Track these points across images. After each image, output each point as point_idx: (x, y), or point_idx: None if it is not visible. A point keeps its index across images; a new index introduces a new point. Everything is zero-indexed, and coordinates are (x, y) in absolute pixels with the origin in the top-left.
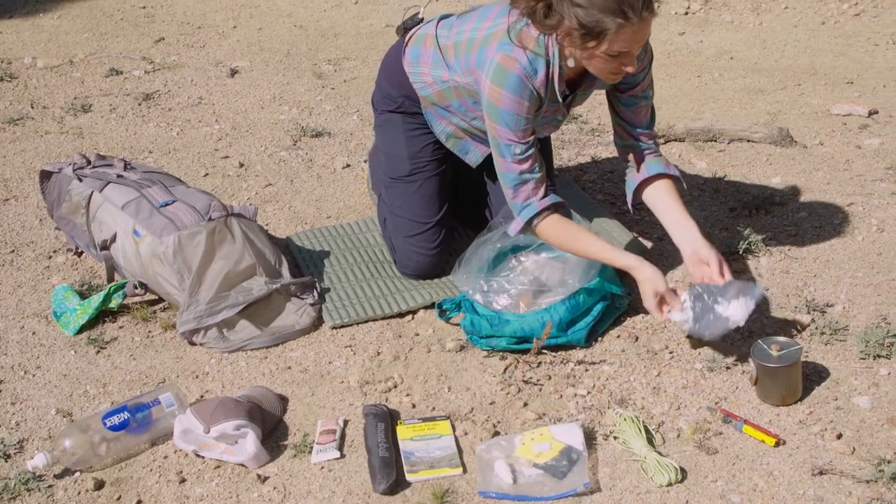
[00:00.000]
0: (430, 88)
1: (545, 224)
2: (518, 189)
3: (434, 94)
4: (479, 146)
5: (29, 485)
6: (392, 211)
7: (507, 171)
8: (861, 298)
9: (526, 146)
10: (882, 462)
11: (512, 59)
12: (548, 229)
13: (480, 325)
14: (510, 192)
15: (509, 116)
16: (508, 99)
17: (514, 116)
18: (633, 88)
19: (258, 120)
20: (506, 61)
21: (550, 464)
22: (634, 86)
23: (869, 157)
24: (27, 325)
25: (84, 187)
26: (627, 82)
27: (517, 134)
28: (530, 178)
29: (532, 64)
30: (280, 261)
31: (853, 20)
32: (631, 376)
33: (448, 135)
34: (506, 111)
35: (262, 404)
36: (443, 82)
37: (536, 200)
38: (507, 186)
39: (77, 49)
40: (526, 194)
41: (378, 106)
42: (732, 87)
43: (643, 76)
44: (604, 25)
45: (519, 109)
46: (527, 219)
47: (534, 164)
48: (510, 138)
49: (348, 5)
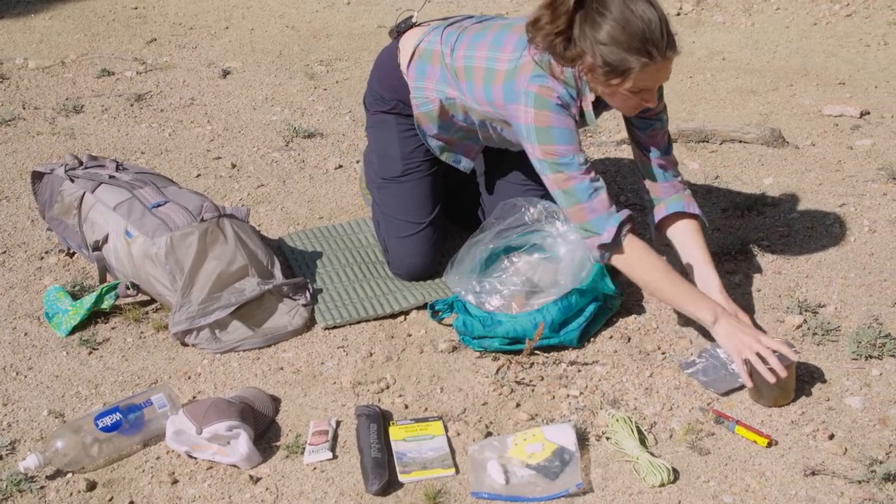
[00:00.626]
0: (432, 104)
1: (635, 243)
2: (594, 199)
3: (435, 110)
4: (471, 153)
5: (21, 486)
6: (384, 212)
7: (578, 183)
8: (853, 299)
9: (585, 156)
10: (874, 462)
11: (549, 89)
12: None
13: (473, 326)
14: (586, 207)
15: (563, 132)
16: (557, 118)
17: (566, 131)
18: (646, 112)
19: (250, 121)
20: (544, 91)
21: (543, 464)
22: (647, 109)
23: (861, 158)
24: (19, 325)
25: (76, 188)
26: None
27: (574, 147)
28: (602, 187)
29: (569, 93)
30: (272, 261)
31: (845, 21)
32: (623, 377)
33: (442, 149)
34: (558, 128)
35: (254, 405)
36: (448, 99)
37: (616, 211)
38: (581, 201)
39: (69, 50)
40: (605, 205)
41: (370, 107)
42: (724, 88)
43: (658, 97)
44: (628, 64)
45: (569, 125)
46: (617, 225)
47: (597, 174)
48: (570, 151)
49: (340, 6)
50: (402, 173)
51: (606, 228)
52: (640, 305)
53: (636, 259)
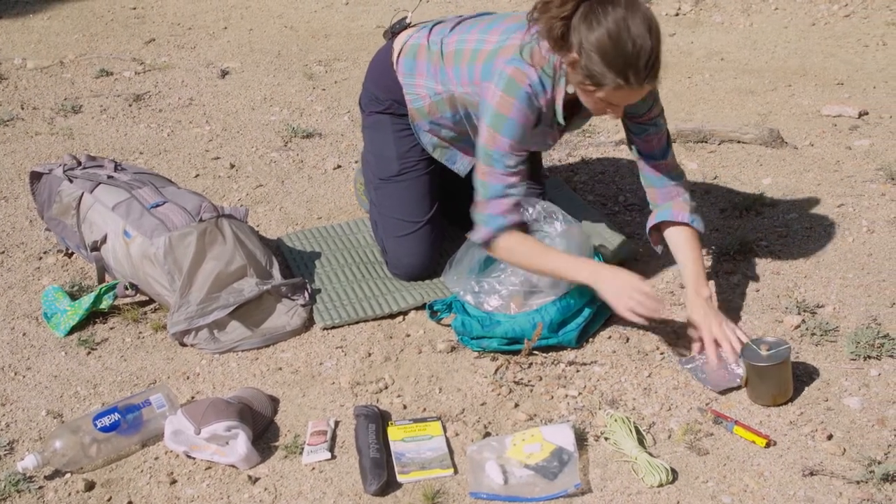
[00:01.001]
0: (423, 101)
1: (508, 238)
2: (496, 201)
3: (426, 107)
4: (468, 155)
5: (19, 486)
6: (382, 211)
7: (493, 181)
8: (851, 299)
9: (519, 159)
10: (872, 463)
11: (523, 73)
12: (510, 243)
13: (471, 326)
14: (484, 203)
15: (514, 127)
16: (518, 110)
17: (519, 128)
18: (640, 117)
19: (249, 121)
20: (517, 75)
21: (541, 465)
22: (641, 115)
23: (859, 158)
24: (17, 326)
25: (74, 188)
26: (633, 112)
27: (515, 146)
28: (513, 195)
29: (541, 82)
30: (271, 262)
31: (843, 21)
32: (622, 377)
33: (435, 145)
34: (513, 121)
35: (252, 405)
36: (436, 94)
37: (509, 215)
38: (483, 197)
39: (67, 50)
40: (501, 208)
41: (366, 108)
42: (723, 88)
43: (652, 104)
44: (604, 80)
45: (525, 122)
46: (496, 229)
47: (521, 181)
48: (507, 149)
49: (339, 6)
50: (398, 172)
51: (486, 228)
52: None
53: (507, 254)
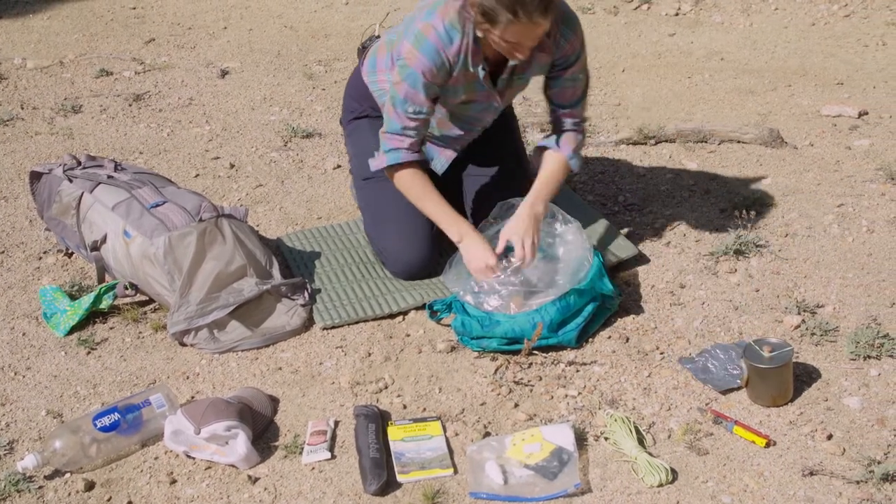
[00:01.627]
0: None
1: (406, 173)
2: (395, 136)
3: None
4: (444, 152)
5: (19, 486)
6: (375, 214)
7: (394, 119)
8: (851, 299)
9: (420, 108)
10: (872, 463)
11: (430, 26)
12: (406, 178)
13: (471, 326)
14: (387, 136)
15: (417, 78)
16: (421, 62)
17: (421, 80)
18: (563, 70)
19: (249, 121)
20: (425, 28)
21: (541, 464)
22: (566, 68)
23: (859, 158)
24: (17, 325)
25: (74, 188)
26: (559, 64)
27: (417, 95)
28: (411, 135)
29: (448, 33)
30: (271, 262)
31: (843, 21)
32: (622, 377)
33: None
34: (416, 72)
35: (252, 405)
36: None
37: (409, 151)
38: (385, 130)
39: (67, 50)
40: (401, 144)
41: (344, 121)
42: (723, 88)
43: (575, 59)
44: (497, 16)
45: (428, 75)
46: (392, 162)
47: (421, 126)
48: (409, 96)
49: (339, 6)
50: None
51: (384, 156)
52: (639, 305)
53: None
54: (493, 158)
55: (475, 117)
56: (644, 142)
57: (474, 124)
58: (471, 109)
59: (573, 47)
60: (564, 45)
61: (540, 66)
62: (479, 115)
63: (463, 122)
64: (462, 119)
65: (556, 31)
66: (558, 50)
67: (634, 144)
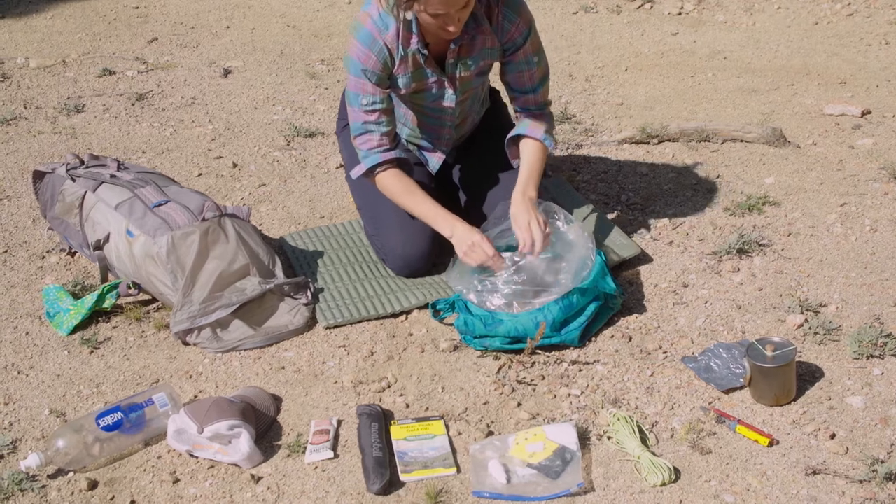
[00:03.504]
0: None
1: (385, 175)
2: (362, 137)
3: None
4: (434, 154)
5: (22, 485)
6: (366, 209)
7: (355, 119)
8: (854, 298)
9: (372, 98)
10: (875, 462)
11: (366, 14)
12: (386, 181)
13: (474, 325)
14: (357, 141)
15: (356, 66)
16: (357, 49)
17: (360, 66)
18: (514, 54)
19: (252, 120)
20: (361, 17)
21: (544, 464)
22: (516, 50)
23: (862, 158)
24: (20, 325)
25: (77, 187)
26: (508, 48)
27: (364, 84)
28: (375, 130)
29: (383, 19)
30: (274, 261)
31: (846, 20)
32: (625, 376)
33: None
34: (354, 60)
35: (255, 404)
36: None
37: (381, 151)
38: (353, 135)
39: (70, 49)
40: (370, 144)
41: (338, 129)
42: (726, 88)
43: (522, 41)
44: None
45: (366, 61)
46: (369, 166)
47: (381, 118)
48: (358, 87)
49: (341, 5)
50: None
51: (361, 164)
52: (642, 305)
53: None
54: (486, 159)
55: (435, 108)
56: (647, 141)
57: (441, 118)
58: (425, 99)
59: (518, 29)
60: (509, 27)
61: (488, 50)
62: (437, 106)
63: (428, 118)
64: (425, 113)
65: (499, 14)
66: (504, 34)
67: (637, 143)
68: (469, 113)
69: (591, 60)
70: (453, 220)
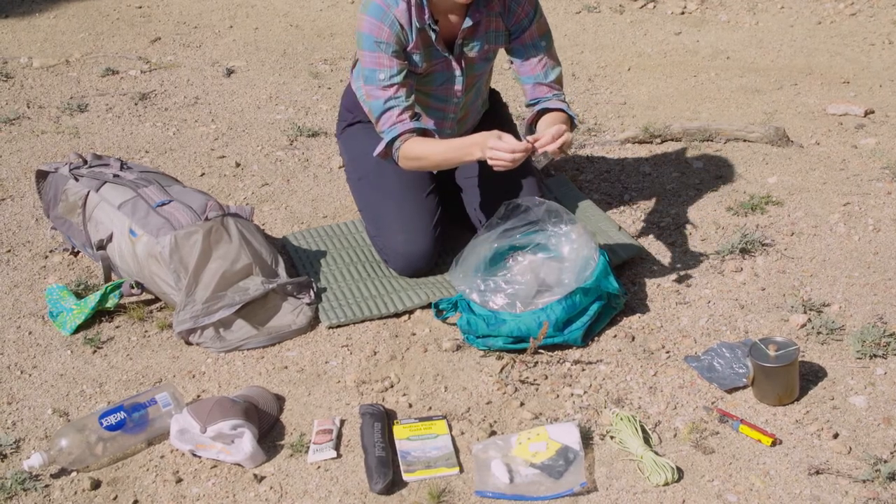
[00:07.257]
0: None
1: (406, 146)
2: (384, 116)
3: None
4: None
5: (25, 484)
6: (366, 209)
7: (374, 98)
8: (857, 298)
9: (390, 71)
10: (878, 462)
11: None
12: (408, 149)
13: (477, 325)
14: (378, 123)
15: (370, 40)
16: (368, 23)
17: (374, 40)
18: (521, 36)
19: (254, 120)
20: None
21: (547, 463)
22: (522, 32)
23: (865, 157)
24: (23, 324)
25: (80, 187)
26: (515, 31)
27: (380, 57)
28: (395, 105)
29: None
30: (276, 260)
31: (849, 20)
32: (627, 376)
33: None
34: (367, 34)
35: (258, 404)
36: None
37: (401, 124)
38: (374, 116)
39: (73, 49)
40: (392, 121)
41: (338, 129)
42: (729, 87)
43: (528, 22)
44: None
45: (379, 34)
46: (391, 137)
47: (399, 91)
48: (374, 63)
49: (344, 5)
50: (377, 162)
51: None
52: (645, 304)
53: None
54: None
55: (441, 96)
56: (650, 140)
57: (445, 108)
58: (434, 82)
59: (524, 10)
60: (516, 7)
61: (493, 33)
62: (444, 93)
63: (432, 109)
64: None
65: None
66: (511, 15)
67: (640, 143)
68: (471, 109)
69: (593, 60)
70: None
